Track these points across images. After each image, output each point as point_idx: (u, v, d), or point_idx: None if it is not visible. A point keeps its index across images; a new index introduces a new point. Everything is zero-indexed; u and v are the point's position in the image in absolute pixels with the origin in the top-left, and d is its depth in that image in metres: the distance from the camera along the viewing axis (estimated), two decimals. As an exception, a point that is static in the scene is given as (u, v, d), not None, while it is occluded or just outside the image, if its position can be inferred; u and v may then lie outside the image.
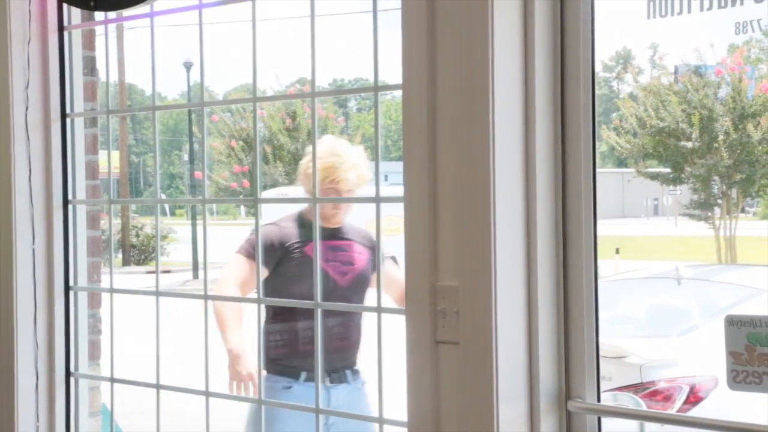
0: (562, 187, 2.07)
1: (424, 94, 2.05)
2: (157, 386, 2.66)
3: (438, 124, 2.04)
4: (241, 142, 24.20)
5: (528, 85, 2.02)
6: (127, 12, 2.71)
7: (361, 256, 3.64)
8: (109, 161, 3.14)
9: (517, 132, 2.02)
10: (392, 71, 2.14)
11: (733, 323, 1.84)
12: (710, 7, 1.90)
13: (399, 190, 2.11)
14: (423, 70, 2.04)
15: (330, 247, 3.61)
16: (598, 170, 2.08)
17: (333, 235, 3.62)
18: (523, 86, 2.02)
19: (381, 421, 2.22)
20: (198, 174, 23.78)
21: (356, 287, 3.55)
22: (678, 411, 4.23)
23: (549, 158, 2.06)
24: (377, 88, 2.23)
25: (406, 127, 2.08)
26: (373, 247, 3.58)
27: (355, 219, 3.74)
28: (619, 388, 4.40)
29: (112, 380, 2.77)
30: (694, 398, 4.23)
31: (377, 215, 2.26)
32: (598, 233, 2.15)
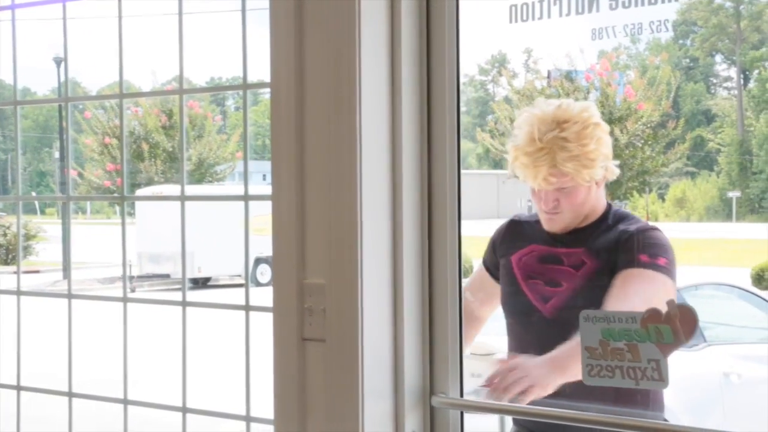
0: (428, 187, 2.11)
1: (292, 93, 2.05)
2: (18, 388, 2.59)
3: (306, 122, 2.05)
4: (115, 140, 23.72)
5: (395, 86, 2.05)
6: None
7: (579, 272, 2.48)
8: (-30, 157, 3.04)
9: (384, 132, 2.05)
10: (268, 70, 2.13)
11: (589, 319, 1.91)
12: (569, 13, 1.97)
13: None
14: (291, 70, 2.05)
15: (542, 257, 2.57)
16: (474, 171, 2.12)
17: (560, 240, 2.55)
18: (390, 87, 2.05)
19: (248, 419, 2.22)
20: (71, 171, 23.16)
21: (567, 321, 2.26)
22: (543, 406, 4.34)
23: (415, 158, 2.09)
24: (246, 86, 2.22)
25: (274, 126, 2.09)
26: (627, 258, 2.41)
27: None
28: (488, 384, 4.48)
29: (-29, 383, 2.69)
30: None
31: (245, 214, 2.26)
32: (475, 233, 2.18)
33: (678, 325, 1.84)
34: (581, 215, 2.52)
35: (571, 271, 2.49)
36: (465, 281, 2.59)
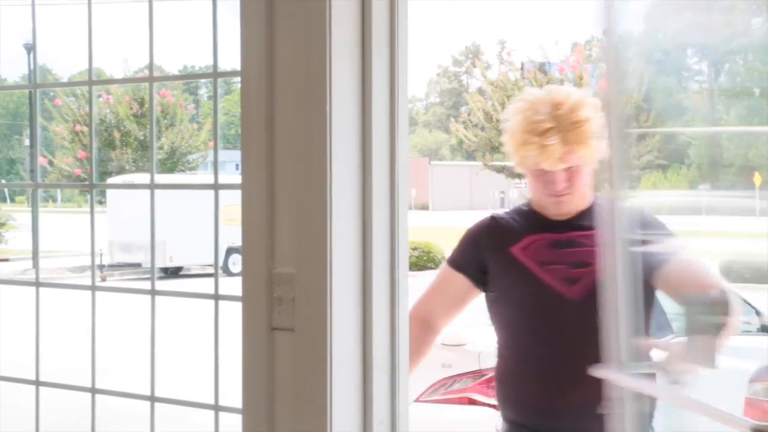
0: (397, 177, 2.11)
1: (262, 82, 2.05)
2: (-15, 376, 2.58)
3: (276, 112, 2.05)
4: (86, 128, 23.55)
5: (365, 75, 2.05)
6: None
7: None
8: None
9: (354, 122, 2.05)
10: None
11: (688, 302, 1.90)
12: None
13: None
14: (261, 58, 2.04)
15: (554, 243, 2.53)
16: (447, 163, 2.12)
17: (566, 224, 2.54)
18: (361, 77, 2.05)
19: (216, 408, 2.21)
20: (40, 159, 23.03)
21: (597, 300, 2.26)
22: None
23: (385, 148, 2.09)
24: (216, 74, 2.21)
25: (244, 115, 2.08)
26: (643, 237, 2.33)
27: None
28: (459, 375, 4.51)
29: (-63, 371, 2.67)
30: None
31: (215, 203, 2.25)
32: (448, 224, 2.17)
33: None
34: (586, 195, 2.52)
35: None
36: (424, 290, 2.64)
